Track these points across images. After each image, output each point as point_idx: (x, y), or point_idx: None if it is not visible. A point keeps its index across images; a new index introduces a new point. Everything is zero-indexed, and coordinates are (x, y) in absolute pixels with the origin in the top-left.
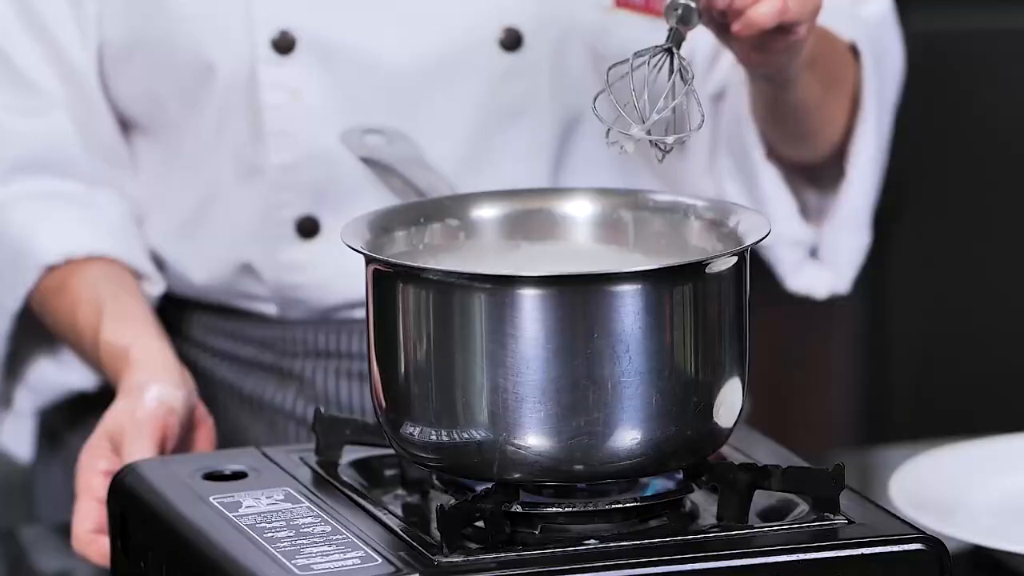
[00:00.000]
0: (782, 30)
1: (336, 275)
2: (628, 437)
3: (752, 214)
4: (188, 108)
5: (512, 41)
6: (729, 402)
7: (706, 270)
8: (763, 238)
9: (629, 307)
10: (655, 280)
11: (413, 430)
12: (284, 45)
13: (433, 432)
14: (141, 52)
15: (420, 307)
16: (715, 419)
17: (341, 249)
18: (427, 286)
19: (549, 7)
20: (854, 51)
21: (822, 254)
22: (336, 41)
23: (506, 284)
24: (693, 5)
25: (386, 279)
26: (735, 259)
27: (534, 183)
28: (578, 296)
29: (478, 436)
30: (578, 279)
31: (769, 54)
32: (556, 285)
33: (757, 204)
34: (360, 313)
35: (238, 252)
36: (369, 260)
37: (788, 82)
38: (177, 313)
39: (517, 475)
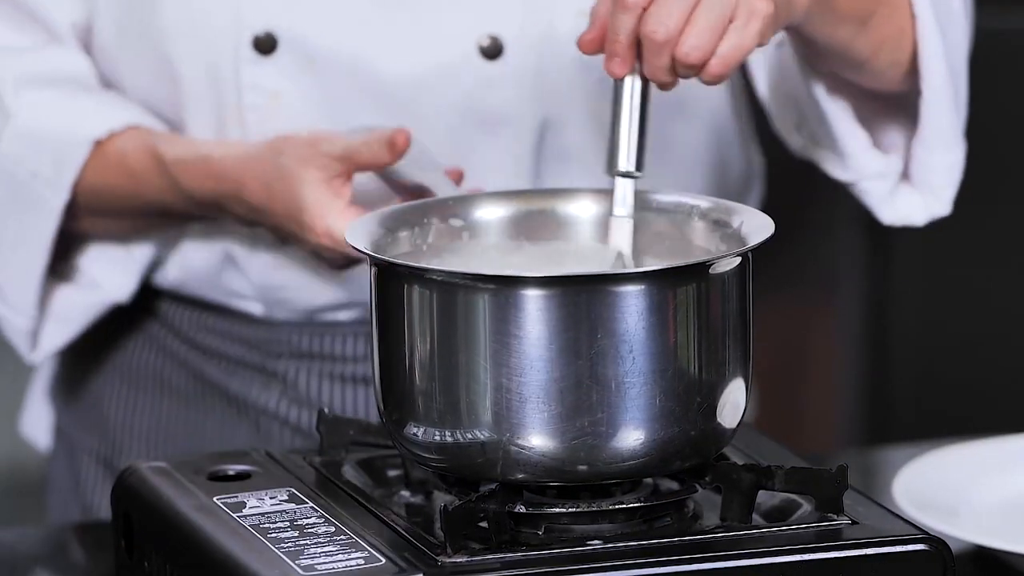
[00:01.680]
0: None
1: (318, 275)
2: (632, 437)
3: (755, 214)
4: (173, 101)
5: (494, 50)
6: (732, 402)
7: (710, 271)
8: (766, 239)
9: (633, 307)
10: (659, 281)
11: (417, 430)
12: (265, 46)
13: (437, 432)
14: (128, 44)
15: (424, 307)
16: (718, 419)
17: None
18: (431, 286)
19: (531, 16)
20: None
21: (914, 178)
22: (318, 45)
23: (510, 284)
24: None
25: (390, 280)
26: (738, 260)
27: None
28: (582, 296)
29: (482, 436)
30: (582, 279)
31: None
32: (560, 285)
33: (829, 143)
34: (345, 315)
35: (221, 242)
36: (373, 261)
37: (806, 40)
38: (165, 307)
39: (521, 475)
